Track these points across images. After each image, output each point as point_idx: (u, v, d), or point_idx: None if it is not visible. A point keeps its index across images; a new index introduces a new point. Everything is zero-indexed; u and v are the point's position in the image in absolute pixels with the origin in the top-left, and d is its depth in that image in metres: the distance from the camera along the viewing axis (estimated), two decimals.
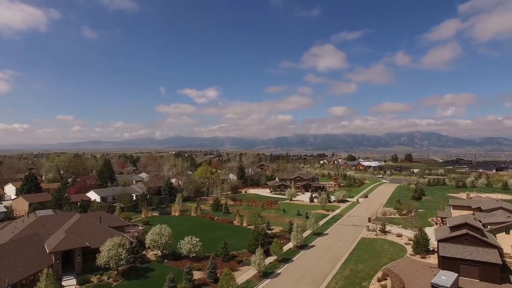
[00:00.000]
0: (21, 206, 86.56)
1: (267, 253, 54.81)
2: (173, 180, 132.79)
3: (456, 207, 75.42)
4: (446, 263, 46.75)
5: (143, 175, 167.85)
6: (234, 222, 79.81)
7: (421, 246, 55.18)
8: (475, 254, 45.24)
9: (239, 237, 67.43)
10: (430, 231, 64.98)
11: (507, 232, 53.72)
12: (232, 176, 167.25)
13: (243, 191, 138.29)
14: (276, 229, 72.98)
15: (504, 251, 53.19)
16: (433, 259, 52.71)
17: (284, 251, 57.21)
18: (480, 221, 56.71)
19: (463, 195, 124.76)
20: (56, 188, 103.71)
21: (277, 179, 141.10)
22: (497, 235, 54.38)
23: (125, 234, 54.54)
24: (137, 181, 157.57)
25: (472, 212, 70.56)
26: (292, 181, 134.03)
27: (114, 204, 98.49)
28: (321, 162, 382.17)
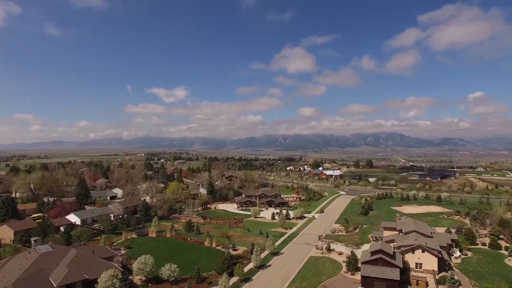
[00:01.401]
0: (6, 234, 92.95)
1: (232, 274, 68.47)
2: (147, 198, 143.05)
3: (386, 228, 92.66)
4: (365, 280, 62.61)
5: (117, 190, 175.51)
6: (205, 243, 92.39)
7: (352, 265, 70.92)
8: (384, 273, 61.39)
9: (209, 258, 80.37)
10: (366, 247, 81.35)
11: (413, 252, 70.88)
12: (203, 190, 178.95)
13: (212, 206, 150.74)
14: (240, 250, 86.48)
15: (410, 267, 70.49)
16: (360, 276, 68.57)
17: (245, 272, 70.93)
18: (395, 246, 73.63)
19: (404, 208, 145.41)
20: (36, 217, 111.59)
21: (243, 195, 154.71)
22: (406, 255, 71.49)
23: (114, 263, 65.96)
24: (112, 197, 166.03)
25: (398, 232, 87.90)
26: (257, 198, 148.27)
27: (94, 226, 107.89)
28: (288, 168, 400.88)
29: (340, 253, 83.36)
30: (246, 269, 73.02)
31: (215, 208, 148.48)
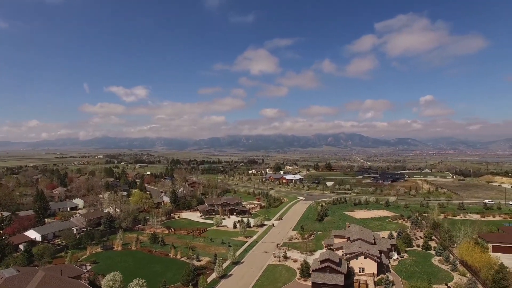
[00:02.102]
0: None
1: (196, 285, 74.47)
2: (110, 210, 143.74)
3: (336, 236, 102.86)
4: (315, 286, 71.47)
5: (78, 201, 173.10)
6: (170, 254, 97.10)
7: (304, 272, 79.58)
8: (331, 279, 70.59)
9: (175, 269, 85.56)
10: (319, 254, 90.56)
11: (357, 258, 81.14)
12: (166, 199, 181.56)
13: (176, 215, 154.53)
14: (204, 261, 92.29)
15: (354, 271, 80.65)
16: (311, 282, 77.40)
17: (208, 282, 77.16)
18: (343, 253, 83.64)
19: (357, 213, 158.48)
20: None
21: (206, 204, 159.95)
22: (351, 261, 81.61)
23: (82, 281, 69.31)
24: (72, 208, 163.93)
25: (346, 239, 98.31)
26: (220, 206, 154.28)
27: (57, 242, 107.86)
28: (250, 172, 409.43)
29: (295, 260, 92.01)
30: (209, 279, 79.22)
31: (178, 217, 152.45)
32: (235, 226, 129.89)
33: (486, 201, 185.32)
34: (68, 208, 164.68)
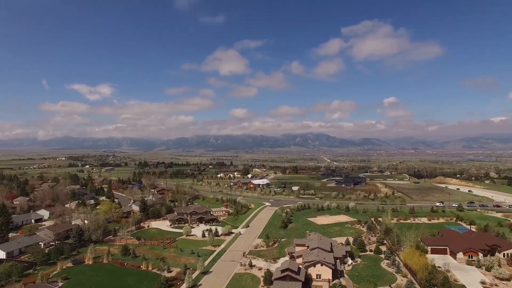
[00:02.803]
0: None
1: None
2: (79, 221, 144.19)
3: (298, 244, 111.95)
4: None
5: (43, 212, 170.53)
6: (141, 266, 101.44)
7: (267, 280, 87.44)
8: (290, 287, 78.98)
9: (146, 282, 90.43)
10: (283, 261, 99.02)
11: (314, 266, 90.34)
12: (135, 207, 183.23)
13: (146, 225, 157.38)
14: (174, 272, 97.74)
15: (312, 278, 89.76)
16: None
17: None
18: (302, 261, 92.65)
19: (319, 218, 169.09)
20: None
21: (175, 213, 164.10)
22: (310, 268, 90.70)
23: None
24: (37, 220, 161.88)
25: (306, 247, 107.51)
26: (189, 215, 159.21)
27: (24, 258, 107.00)
28: (219, 175, 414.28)
29: (260, 268, 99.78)
30: None
31: (148, 226, 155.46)
32: (204, 235, 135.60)
33: (437, 204, 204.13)
34: (33, 220, 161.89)
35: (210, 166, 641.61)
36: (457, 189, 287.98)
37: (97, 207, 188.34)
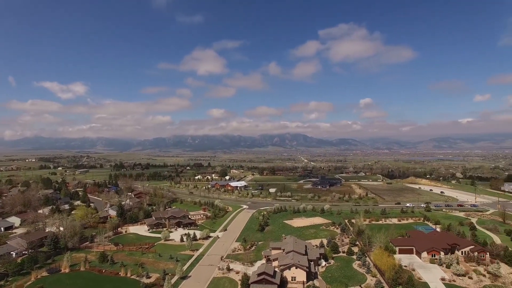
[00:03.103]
0: None
1: None
2: (53, 228, 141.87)
3: (274, 248, 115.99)
4: None
5: (14, 219, 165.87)
6: (120, 273, 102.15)
7: (245, 284, 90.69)
8: None
9: None
10: (260, 264, 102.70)
11: (289, 269, 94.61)
12: (112, 212, 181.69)
13: (123, 230, 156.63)
14: (153, 277, 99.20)
15: (288, 280, 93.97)
16: None
17: None
18: (278, 264, 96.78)
19: (295, 221, 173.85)
20: None
21: (153, 217, 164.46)
22: (285, 271, 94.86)
23: None
24: (7, 228, 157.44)
25: (282, 251, 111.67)
26: (167, 220, 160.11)
27: None
28: (196, 177, 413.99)
29: (238, 272, 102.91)
30: None
31: (126, 232, 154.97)
32: (182, 240, 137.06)
33: (408, 204, 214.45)
34: (2, 228, 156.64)
35: (188, 168, 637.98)
36: (430, 190, 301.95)
37: (73, 212, 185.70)
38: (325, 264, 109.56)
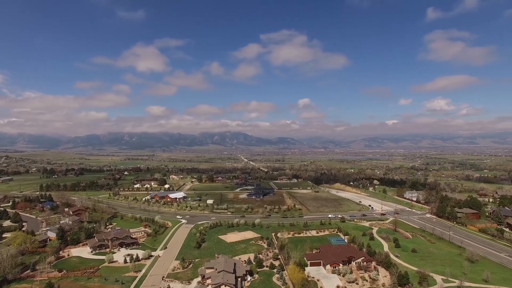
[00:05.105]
0: None
1: None
2: None
3: (207, 267, 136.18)
4: None
5: None
6: None
7: None
8: None
9: None
10: (196, 281, 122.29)
11: (220, 287, 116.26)
12: (51, 234, 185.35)
13: (66, 253, 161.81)
14: None
15: None
16: None
17: None
18: (211, 282, 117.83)
19: (229, 236, 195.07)
20: None
21: (96, 239, 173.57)
22: None
23: None
24: None
25: (214, 269, 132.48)
26: (110, 241, 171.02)
27: None
28: (135, 186, 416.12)
29: None
30: None
31: (68, 255, 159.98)
32: (125, 261, 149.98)
33: (330, 215, 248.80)
34: None
35: (126, 173, 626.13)
36: (350, 198, 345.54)
37: (3, 235, 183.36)
38: (250, 279, 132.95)
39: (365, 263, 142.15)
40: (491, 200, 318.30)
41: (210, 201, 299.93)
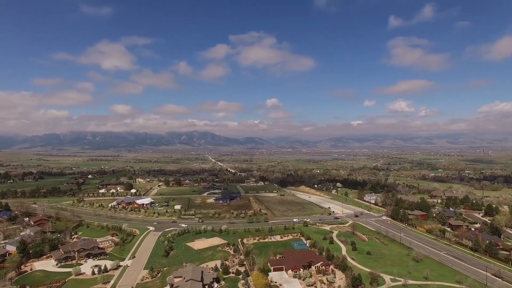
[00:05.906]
0: None
1: None
2: None
3: (176, 276, 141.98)
4: None
5: None
6: None
7: None
8: None
9: None
10: None
11: None
12: (11, 247, 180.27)
13: (28, 268, 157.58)
14: None
15: None
16: None
17: None
18: None
19: (196, 243, 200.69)
20: None
21: (62, 251, 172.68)
22: None
23: None
24: None
25: (183, 278, 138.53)
26: (76, 252, 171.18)
27: None
28: (101, 191, 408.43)
29: None
30: None
31: (31, 269, 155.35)
32: (93, 273, 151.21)
33: (294, 219, 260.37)
34: None
35: (90, 176, 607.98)
36: (322, 206, 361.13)
37: None
38: (217, 286, 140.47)
39: (323, 267, 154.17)
40: (439, 201, 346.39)
41: (177, 207, 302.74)
